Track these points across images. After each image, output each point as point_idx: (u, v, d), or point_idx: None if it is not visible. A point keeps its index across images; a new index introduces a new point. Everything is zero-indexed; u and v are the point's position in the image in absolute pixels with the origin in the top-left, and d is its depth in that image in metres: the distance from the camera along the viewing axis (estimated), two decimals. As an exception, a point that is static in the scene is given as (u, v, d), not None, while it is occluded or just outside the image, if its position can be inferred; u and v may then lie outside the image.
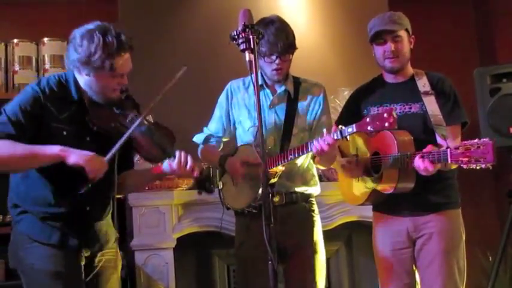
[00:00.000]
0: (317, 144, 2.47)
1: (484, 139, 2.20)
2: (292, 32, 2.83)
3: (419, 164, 2.40)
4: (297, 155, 2.63)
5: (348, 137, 2.42)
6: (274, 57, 2.76)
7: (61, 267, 2.31)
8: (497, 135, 3.79)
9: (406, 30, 2.73)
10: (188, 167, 2.38)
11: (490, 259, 4.13)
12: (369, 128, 2.31)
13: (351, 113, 2.83)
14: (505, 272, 4.15)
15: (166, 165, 2.44)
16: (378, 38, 2.72)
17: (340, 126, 2.43)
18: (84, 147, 2.32)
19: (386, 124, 2.26)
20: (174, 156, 2.41)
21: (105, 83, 2.34)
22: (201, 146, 3.05)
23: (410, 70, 2.80)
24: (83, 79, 2.36)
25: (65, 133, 2.33)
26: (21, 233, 2.37)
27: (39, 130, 2.29)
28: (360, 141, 2.75)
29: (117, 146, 2.31)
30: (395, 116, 2.25)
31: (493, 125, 3.81)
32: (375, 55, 2.77)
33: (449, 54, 4.74)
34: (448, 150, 2.29)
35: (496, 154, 2.19)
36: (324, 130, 2.48)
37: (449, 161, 2.28)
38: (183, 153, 2.40)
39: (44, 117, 2.31)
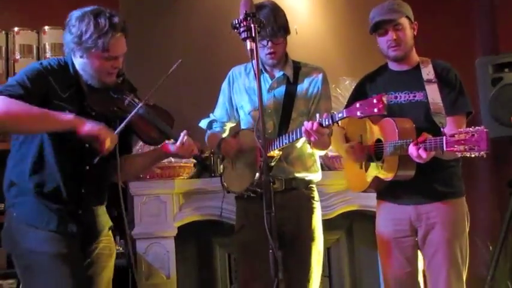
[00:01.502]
0: (303, 128, 2.47)
1: (478, 127, 2.20)
2: (284, 15, 2.85)
3: (413, 151, 2.41)
4: (291, 140, 2.64)
5: (340, 123, 2.43)
6: (265, 41, 2.78)
7: (64, 249, 2.29)
8: (498, 124, 3.79)
9: (407, 17, 2.73)
10: (190, 146, 2.42)
11: (490, 249, 4.14)
12: (358, 113, 2.31)
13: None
14: (505, 262, 4.16)
15: (171, 145, 2.48)
16: (379, 28, 2.72)
17: (331, 111, 2.45)
18: None
19: (376, 110, 2.27)
20: (175, 139, 2.42)
21: (99, 65, 2.33)
22: (207, 132, 3.08)
23: (415, 58, 2.80)
24: (78, 62, 2.36)
25: (67, 112, 2.30)
26: (17, 218, 2.34)
27: (42, 104, 2.27)
28: (364, 129, 2.76)
29: (124, 123, 2.31)
30: (385, 101, 2.25)
31: (494, 114, 3.81)
32: (379, 45, 2.77)
33: (451, 44, 4.72)
34: (444, 138, 2.29)
35: (497, 144, 2.19)
36: (317, 115, 2.48)
37: (445, 149, 2.28)
38: (183, 135, 2.42)
39: (48, 92, 2.30)
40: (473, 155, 2.20)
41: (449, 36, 4.75)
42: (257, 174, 2.69)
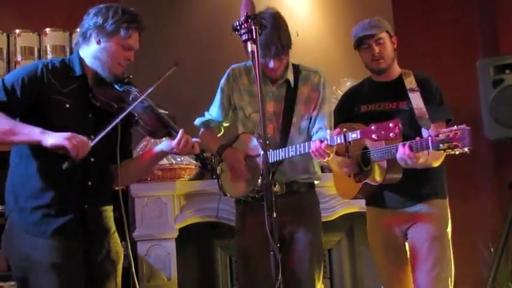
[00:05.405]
0: (314, 148, 2.47)
1: (460, 126, 2.26)
2: (287, 29, 2.79)
3: (400, 151, 2.45)
4: (297, 153, 2.60)
5: (351, 142, 2.40)
6: (268, 59, 2.73)
7: (60, 259, 2.28)
8: (499, 126, 3.79)
9: (387, 32, 2.87)
10: (188, 143, 2.38)
11: (492, 250, 4.14)
12: (373, 136, 2.30)
13: (343, 112, 2.97)
14: (506, 263, 4.16)
15: (166, 143, 2.45)
16: (362, 43, 2.86)
17: (344, 130, 2.41)
18: (86, 124, 2.34)
19: (392, 134, 2.25)
20: (176, 132, 2.40)
21: (113, 53, 2.38)
22: (201, 130, 3.04)
23: (397, 70, 2.93)
24: (91, 50, 2.39)
25: (67, 106, 2.33)
26: (17, 224, 2.34)
27: (37, 103, 2.30)
28: None
29: (108, 129, 2.29)
30: (400, 126, 2.26)
31: (495, 116, 3.81)
32: (362, 60, 2.90)
33: (452, 45, 4.73)
34: (429, 138, 2.34)
35: (498, 145, 2.21)
36: (328, 131, 2.49)
37: (430, 148, 2.34)
38: (182, 132, 2.39)
39: (44, 90, 2.32)
40: (457, 152, 2.26)
41: (451, 38, 4.75)
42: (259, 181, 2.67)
